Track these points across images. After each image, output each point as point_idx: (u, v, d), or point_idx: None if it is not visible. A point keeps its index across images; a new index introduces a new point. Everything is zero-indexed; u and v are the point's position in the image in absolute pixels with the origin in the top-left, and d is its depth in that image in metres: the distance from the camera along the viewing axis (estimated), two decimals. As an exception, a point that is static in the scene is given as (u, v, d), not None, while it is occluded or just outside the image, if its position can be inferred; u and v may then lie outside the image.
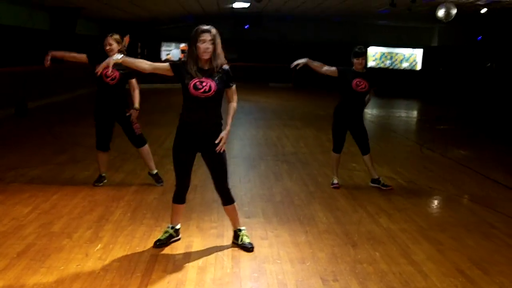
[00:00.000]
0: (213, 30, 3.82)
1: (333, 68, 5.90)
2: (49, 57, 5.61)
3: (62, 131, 9.36)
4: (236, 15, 19.59)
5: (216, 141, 3.89)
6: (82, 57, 5.64)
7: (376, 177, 6.22)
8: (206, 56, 3.81)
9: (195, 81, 3.80)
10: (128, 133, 5.82)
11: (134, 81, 5.76)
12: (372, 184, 6.23)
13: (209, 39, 3.78)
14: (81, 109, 12.81)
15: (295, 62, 5.67)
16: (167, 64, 3.96)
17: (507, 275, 3.84)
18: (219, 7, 16.83)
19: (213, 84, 3.81)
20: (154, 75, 4.28)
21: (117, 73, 5.53)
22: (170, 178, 6.15)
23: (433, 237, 4.59)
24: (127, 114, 5.64)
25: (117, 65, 5.55)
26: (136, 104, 5.70)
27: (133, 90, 5.77)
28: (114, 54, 5.54)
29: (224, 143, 3.94)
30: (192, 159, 4.07)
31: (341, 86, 5.97)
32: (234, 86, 4.02)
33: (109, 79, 5.52)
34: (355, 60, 5.87)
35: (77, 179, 6.06)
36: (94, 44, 18.27)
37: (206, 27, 3.82)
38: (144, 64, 3.97)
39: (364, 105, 6.08)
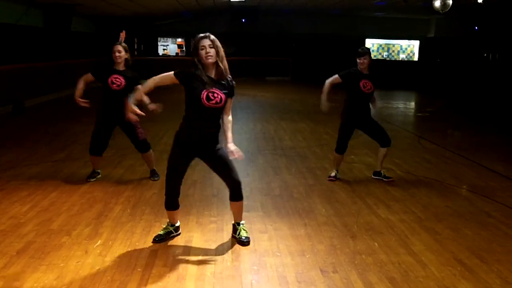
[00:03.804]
0: (211, 36, 3.84)
1: (335, 76, 5.94)
2: (81, 101, 5.65)
3: (60, 129, 9.36)
4: (232, 9, 19.53)
5: (230, 157, 3.93)
6: (88, 77, 5.72)
7: (378, 169, 6.26)
8: (210, 60, 3.79)
9: (207, 92, 3.78)
10: (133, 138, 5.87)
11: (140, 86, 5.78)
12: (374, 177, 6.28)
13: (208, 44, 3.78)
14: (78, 107, 12.78)
15: (324, 108, 5.86)
16: (170, 73, 3.89)
17: (504, 263, 3.87)
18: (214, 1, 16.77)
19: (223, 96, 3.84)
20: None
21: (123, 80, 5.62)
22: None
23: (431, 227, 4.61)
24: (151, 108, 5.54)
25: (123, 72, 5.64)
26: (147, 100, 5.65)
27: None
28: (122, 61, 5.61)
29: (237, 155, 3.92)
30: (188, 166, 4.12)
31: (348, 89, 5.98)
32: (232, 99, 4.02)
33: (115, 85, 5.61)
34: (357, 60, 5.88)
35: (75, 177, 6.07)
36: (90, 41, 18.31)
37: (202, 34, 3.84)
38: (152, 84, 3.99)
39: (369, 104, 6.09)
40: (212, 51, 3.78)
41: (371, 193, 5.68)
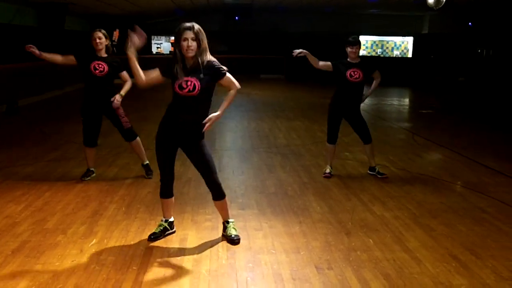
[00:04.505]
0: (196, 26, 3.74)
1: (328, 63, 5.99)
2: (32, 49, 5.47)
3: (54, 129, 9.33)
4: (226, 6, 19.49)
5: (204, 121, 3.85)
6: (69, 58, 5.59)
7: (373, 165, 6.29)
8: (190, 54, 3.74)
9: (181, 80, 3.77)
10: (118, 127, 5.85)
11: (125, 73, 5.70)
12: (370, 172, 6.32)
13: (191, 37, 3.70)
14: (72, 106, 12.74)
15: (297, 51, 5.70)
16: (157, 72, 3.88)
17: (499, 258, 3.89)
18: (208, 0, 16.75)
19: (197, 83, 3.75)
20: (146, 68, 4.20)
21: (105, 66, 5.56)
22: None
23: (425, 224, 4.63)
24: (111, 99, 5.58)
25: (105, 58, 5.61)
26: (122, 91, 5.67)
27: (125, 81, 5.73)
28: (103, 47, 5.59)
29: (211, 124, 3.88)
30: (174, 152, 4.08)
31: (336, 78, 6.05)
32: (228, 74, 3.90)
33: (97, 71, 5.54)
34: (349, 49, 5.93)
35: (70, 176, 6.05)
36: (83, 40, 18.24)
37: (188, 24, 3.74)
38: (140, 78, 3.81)
39: (360, 96, 6.12)
40: (194, 45, 3.72)
41: (365, 190, 5.69)
